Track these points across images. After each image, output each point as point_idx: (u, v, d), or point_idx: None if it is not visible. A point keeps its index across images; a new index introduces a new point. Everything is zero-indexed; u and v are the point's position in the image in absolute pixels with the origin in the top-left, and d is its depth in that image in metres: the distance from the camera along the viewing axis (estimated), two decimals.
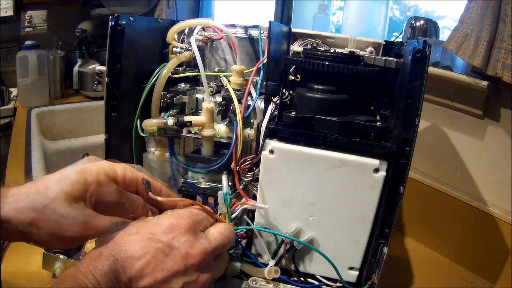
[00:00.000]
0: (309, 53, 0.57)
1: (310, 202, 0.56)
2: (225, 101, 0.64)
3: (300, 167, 0.55)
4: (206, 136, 0.63)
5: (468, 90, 0.77)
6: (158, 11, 1.62)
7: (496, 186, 0.77)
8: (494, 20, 0.69)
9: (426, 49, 0.49)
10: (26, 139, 1.23)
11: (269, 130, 0.56)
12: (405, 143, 0.52)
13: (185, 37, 0.73)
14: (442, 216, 0.84)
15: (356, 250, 0.57)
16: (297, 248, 0.57)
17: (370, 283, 0.56)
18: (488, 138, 0.78)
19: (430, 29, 1.00)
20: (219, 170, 0.61)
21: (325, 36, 0.71)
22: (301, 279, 0.59)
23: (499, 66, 0.69)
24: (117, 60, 0.61)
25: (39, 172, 1.02)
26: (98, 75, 1.57)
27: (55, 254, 0.58)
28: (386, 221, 0.55)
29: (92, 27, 1.74)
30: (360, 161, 0.53)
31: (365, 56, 0.58)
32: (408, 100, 0.51)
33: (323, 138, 0.54)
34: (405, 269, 0.78)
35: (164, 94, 0.64)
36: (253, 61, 0.67)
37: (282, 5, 1.33)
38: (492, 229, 0.75)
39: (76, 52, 1.68)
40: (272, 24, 0.56)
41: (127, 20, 0.60)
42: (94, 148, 1.42)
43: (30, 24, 1.59)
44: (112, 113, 0.62)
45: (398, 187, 0.53)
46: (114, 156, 0.65)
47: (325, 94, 0.55)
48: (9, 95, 1.61)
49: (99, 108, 1.57)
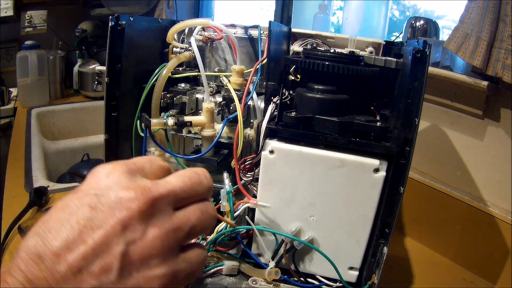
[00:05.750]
0: (309, 53, 0.57)
1: (310, 202, 0.56)
2: (225, 101, 0.64)
3: (300, 167, 0.55)
4: (206, 136, 0.63)
5: (468, 90, 0.77)
6: (158, 11, 1.62)
7: (496, 186, 0.77)
8: (494, 20, 0.69)
9: (426, 49, 0.49)
10: (26, 139, 1.23)
11: (269, 130, 0.56)
12: (405, 143, 0.52)
13: (185, 37, 0.73)
14: (442, 216, 0.84)
15: (356, 250, 0.57)
16: (297, 248, 0.57)
17: (370, 283, 0.56)
18: (488, 138, 0.78)
19: (430, 29, 1.00)
20: (220, 170, 0.62)
21: (325, 36, 0.71)
22: (301, 279, 0.59)
23: (499, 66, 0.69)
24: (117, 60, 0.61)
25: (39, 172, 1.02)
26: (98, 75, 1.57)
27: None
28: (386, 221, 0.55)
29: (92, 27, 1.74)
30: (360, 161, 0.53)
31: (365, 56, 0.58)
32: (408, 100, 0.51)
33: (323, 138, 0.54)
34: (405, 269, 0.78)
35: (164, 94, 0.64)
36: (253, 61, 0.67)
37: (282, 5, 1.33)
38: (492, 229, 0.75)
39: (76, 52, 1.68)
40: (272, 24, 0.56)
41: (127, 20, 0.60)
42: (94, 148, 1.42)
43: (30, 24, 1.59)
44: (112, 113, 0.62)
45: (398, 187, 0.53)
46: (114, 156, 0.65)
47: (325, 94, 0.55)
48: (9, 95, 1.61)
49: (99, 108, 1.57)
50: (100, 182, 0.29)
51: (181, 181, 0.30)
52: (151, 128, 0.58)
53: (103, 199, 0.27)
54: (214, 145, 0.62)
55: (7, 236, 0.73)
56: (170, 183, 0.30)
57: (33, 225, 0.28)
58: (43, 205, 0.84)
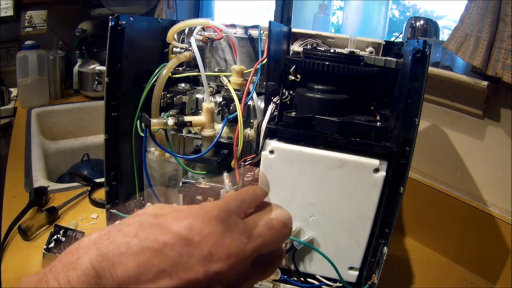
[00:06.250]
0: (309, 53, 0.57)
1: (310, 202, 0.56)
2: (225, 101, 0.64)
3: (300, 167, 0.55)
4: (206, 136, 0.63)
5: (468, 90, 0.77)
6: (158, 11, 1.62)
7: (496, 186, 0.77)
8: (494, 20, 0.69)
9: (426, 49, 0.49)
10: (26, 139, 1.23)
11: (269, 130, 0.56)
12: (405, 143, 0.52)
13: (185, 37, 0.73)
14: (442, 216, 0.84)
15: (356, 250, 0.57)
16: (297, 248, 0.57)
17: (370, 283, 0.56)
18: (488, 138, 0.78)
19: (430, 29, 1.00)
20: (220, 170, 0.62)
21: (325, 36, 0.71)
22: (301, 279, 0.59)
23: (499, 66, 0.69)
24: (117, 60, 0.61)
25: (39, 172, 1.02)
26: (98, 75, 1.57)
27: (55, 254, 0.58)
28: (386, 221, 0.55)
29: (92, 27, 1.74)
30: (360, 161, 0.53)
31: (365, 56, 0.58)
32: (408, 100, 0.51)
33: (323, 138, 0.54)
34: (405, 269, 0.78)
35: (164, 94, 0.64)
36: (253, 61, 0.67)
37: (282, 5, 1.33)
38: (492, 229, 0.75)
39: (76, 52, 1.68)
40: (272, 24, 0.56)
41: (127, 20, 0.60)
42: (94, 148, 1.42)
43: (30, 24, 1.59)
44: (112, 113, 0.62)
45: (398, 187, 0.53)
46: (114, 156, 0.65)
47: (325, 94, 0.55)
48: (9, 95, 1.61)
49: (99, 108, 1.58)
50: (190, 219, 0.26)
51: (270, 236, 0.29)
52: (151, 128, 0.58)
53: (192, 249, 0.25)
54: (214, 145, 0.62)
55: (7, 236, 0.73)
56: (261, 236, 0.28)
57: (33, 225, 0.27)
58: (43, 205, 0.84)
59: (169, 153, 0.63)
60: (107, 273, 0.23)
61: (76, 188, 0.94)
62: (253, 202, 0.31)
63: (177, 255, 0.24)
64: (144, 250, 0.24)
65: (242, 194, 0.29)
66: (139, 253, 0.24)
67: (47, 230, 0.76)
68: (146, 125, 0.57)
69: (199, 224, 0.25)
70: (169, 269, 0.24)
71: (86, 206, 0.88)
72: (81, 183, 0.97)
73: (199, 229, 0.25)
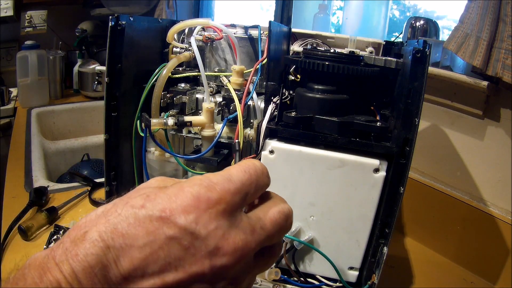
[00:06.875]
0: (309, 53, 0.57)
1: (310, 202, 0.56)
2: (225, 101, 0.64)
3: (300, 167, 0.55)
4: (206, 136, 0.63)
5: (468, 90, 0.77)
6: (158, 11, 1.63)
7: (496, 186, 0.77)
8: (494, 20, 0.69)
9: (426, 49, 0.49)
10: (26, 139, 1.23)
11: (269, 130, 0.56)
12: (405, 143, 0.52)
13: (185, 37, 0.73)
14: (442, 216, 0.84)
15: (356, 250, 0.57)
16: (297, 248, 0.57)
17: (370, 283, 0.56)
18: (488, 138, 0.78)
19: (430, 29, 1.00)
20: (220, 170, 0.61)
21: (325, 36, 0.71)
22: (301, 279, 0.59)
23: (499, 66, 0.69)
24: (117, 60, 0.61)
25: (39, 172, 1.02)
26: (98, 75, 1.57)
27: None
28: (386, 221, 0.55)
29: (92, 27, 1.74)
30: (360, 161, 0.53)
31: (365, 56, 0.58)
32: (408, 100, 0.51)
33: (323, 138, 0.54)
34: (405, 269, 0.78)
35: (164, 94, 0.64)
36: (253, 61, 0.67)
37: (282, 5, 1.33)
38: (492, 229, 0.75)
39: (76, 52, 1.68)
40: (272, 24, 0.56)
41: (127, 20, 0.60)
42: (94, 148, 1.42)
43: (30, 24, 1.59)
44: (112, 113, 0.62)
45: (398, 187, 0.53)
46: (114, 156, 0.65)
47: (325, 94, 0.55)
48: (9, 95, 1.61)
49: (99, 108, 1.57)
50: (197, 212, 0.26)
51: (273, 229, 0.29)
52: (151, 128, 0.58)
53: (199, 243, 0.25)
54: (214, 145, 0.62)
55: (7, 236, 0.73)
56: (265, 230, 0.29)
57: (33, 225, 0.27)
58: (43, 205, 0.84)
59: (169, 153, 0.63)
60: (116, 243, 0.23)
61: (76, 188, 0.94)
62: (257, 194, 0.31)
63: (183, 248, 0.25)
64: (150, 243, 0.24)
65: (247, 186, 0.29)
66: (145, 246, 0.24)
67: (47, 230, 0.76)
68: (146, 125, 0.57)
69: (206, 218, 0.26)
70: (175, 262, 0.24)
71: (86, 206, 0.88)
72: (81, 183, 0.97)
73: (206, 223, 0.25)
